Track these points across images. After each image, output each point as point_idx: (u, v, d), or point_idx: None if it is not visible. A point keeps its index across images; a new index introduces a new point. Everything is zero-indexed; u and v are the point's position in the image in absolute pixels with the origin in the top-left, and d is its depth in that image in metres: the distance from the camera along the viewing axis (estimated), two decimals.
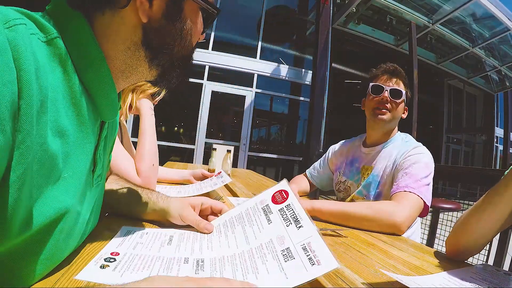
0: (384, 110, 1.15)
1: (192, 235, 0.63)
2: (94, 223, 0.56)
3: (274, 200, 0.59)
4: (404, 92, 1.16)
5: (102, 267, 0.45)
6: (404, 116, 1.22)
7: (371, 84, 1.19)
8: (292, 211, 0.55)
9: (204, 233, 0.63)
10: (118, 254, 0.50)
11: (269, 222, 0.56)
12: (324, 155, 1.46)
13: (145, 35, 0.45)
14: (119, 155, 0.93)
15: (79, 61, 0.40)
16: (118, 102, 0.49)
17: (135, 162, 0.97)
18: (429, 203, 0.96)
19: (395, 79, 1.17)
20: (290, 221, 0.53)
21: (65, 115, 0.38)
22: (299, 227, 0.50)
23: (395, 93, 1.15)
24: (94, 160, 0.48)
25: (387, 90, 1.15)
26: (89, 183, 0.48)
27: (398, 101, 1.15)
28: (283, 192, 0.59)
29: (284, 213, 0.55)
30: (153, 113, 1.07)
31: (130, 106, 1.04)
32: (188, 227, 0.67)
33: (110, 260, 0.47)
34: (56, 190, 0.38)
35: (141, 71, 0.48)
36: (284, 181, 0.61)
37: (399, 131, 1.23)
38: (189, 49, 0.51)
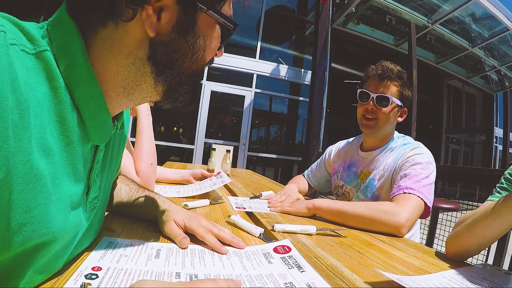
0: (370, 118, 1.12)
1: (181, 250, 0.58)
2: (91, 240, 0.54)
3: (276, 250, 0.59)
4: (392, 98, 1.09)
5: (83, 286, 0.39)
6: (401, 119, 1.17)
7: (359, 90, 1.15)
8: (294, 260, 0.54)
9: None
10: (101, 269, 0.44)
11: (269, 263, 0.54)
12: (321, 157, 1.45)
13: (152, 50, 0.41)
14: None
15: (69, 78, 0.37)
16: (111, 125, 0.45)
17: (133, 162, 0.97)
18: (430, 204, 0.94)
19: (384, 83, 1.11)
20: (292, 266, 0.52)
21: (49, 133, 0.35)
22: (302, 271, 0.50)
23: (382, 100, 1.10)
24: (88, 183, 0.45)
25: (373, 98, 1.11)
26: (82, 206, 0.44)
27: (384, 109, 1.10)
28: (285, 247, 0.60)
29: (286, 260, 0.55)
30: (150, 113, 1.07)
31: None
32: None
33: (92, 276, 0.42)
34: (44, 214, 0.35)
35: (145, 88, 0.45)
36: (287, 240, 0.63)
37: (396, 132, 1.21)
38: (200, 65, 0.46)
